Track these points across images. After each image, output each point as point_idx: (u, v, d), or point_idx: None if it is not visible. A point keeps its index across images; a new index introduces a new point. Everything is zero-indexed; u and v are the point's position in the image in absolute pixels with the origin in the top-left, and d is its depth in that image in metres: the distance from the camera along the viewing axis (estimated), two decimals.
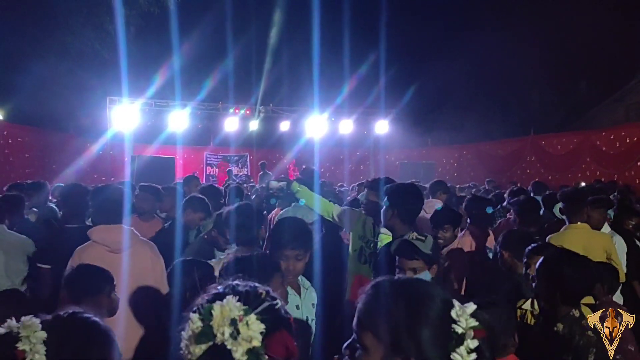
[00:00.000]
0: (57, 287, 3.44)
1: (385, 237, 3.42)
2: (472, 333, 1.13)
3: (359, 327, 1.21)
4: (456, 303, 1.18)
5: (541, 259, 2.47)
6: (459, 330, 1.13)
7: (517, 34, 21.35)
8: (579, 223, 4.16)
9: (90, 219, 4.00)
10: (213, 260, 2.84)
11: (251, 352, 1.12)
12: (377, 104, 19.07)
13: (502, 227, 4.93)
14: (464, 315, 1.15)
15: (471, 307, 1.17)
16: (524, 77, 22.41)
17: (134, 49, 16.91)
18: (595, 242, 4.05)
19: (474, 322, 1.14)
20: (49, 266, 3.66)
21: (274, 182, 3.94)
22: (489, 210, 4.57)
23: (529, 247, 3.01)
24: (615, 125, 16.20)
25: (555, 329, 2.32)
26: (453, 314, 1.15)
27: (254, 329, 1.13)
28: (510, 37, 21.14)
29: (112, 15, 16.54)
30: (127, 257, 3.06)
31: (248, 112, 17.34)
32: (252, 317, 1.15)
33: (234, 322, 1.13)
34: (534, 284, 2.50)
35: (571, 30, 19.12)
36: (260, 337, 1.13)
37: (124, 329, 3.06)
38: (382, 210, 3.33)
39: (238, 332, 1.13)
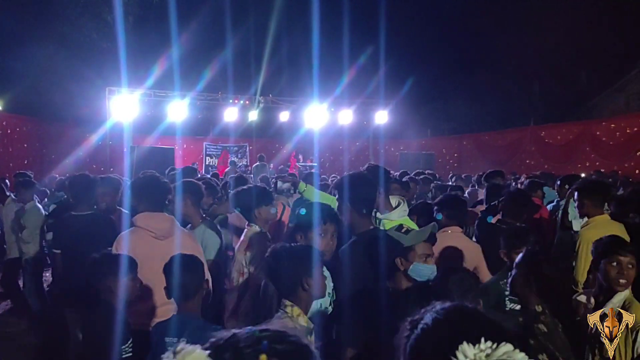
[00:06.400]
0: (66, 270, 3.85)
1: (387, 222, 3.33)
2: None
3: None
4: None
5: (522, 253, 2.51)
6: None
7: (517, 23, 21.24)
8: (600, 215, 4.02)
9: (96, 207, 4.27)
10: None
11: None
12: (377, 94, 19.02)
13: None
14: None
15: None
16: (524, 67, 22.32)
17: (132, 39, 16.81)
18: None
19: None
20: (59, 251, 3.95)
21: (284, 184, 3.77)
22: (490, 219, 4.45)
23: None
24: (615, 115, 16.17)
25: (520, 319, 2.34)
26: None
27: None
28: (510, 27, 21.04)
29: (110, 5, 16.44)
30: (171, 243, 3.19)
31: (247, 102, 17.30)
32: None
33: None
34: (511, 274, 2.49)
35: (571, 20, 19.01)
36: None
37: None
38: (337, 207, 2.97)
39: None
